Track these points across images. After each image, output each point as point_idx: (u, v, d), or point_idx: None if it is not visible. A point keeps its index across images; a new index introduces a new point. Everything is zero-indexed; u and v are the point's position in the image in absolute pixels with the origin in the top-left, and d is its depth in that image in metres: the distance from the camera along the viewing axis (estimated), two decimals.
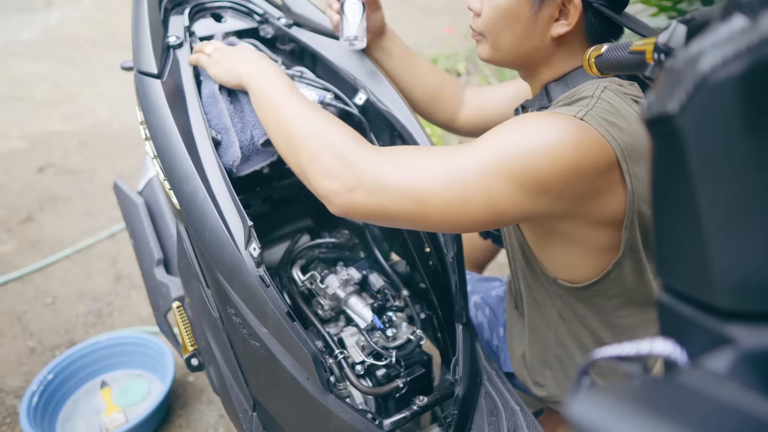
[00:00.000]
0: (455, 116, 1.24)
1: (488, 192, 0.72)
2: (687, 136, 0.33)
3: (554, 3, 0.84)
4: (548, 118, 0.75)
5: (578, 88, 0.86)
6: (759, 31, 0.30)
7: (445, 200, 0.73)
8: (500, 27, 0.89)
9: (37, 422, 1.49)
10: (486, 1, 0.91)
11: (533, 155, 0.72)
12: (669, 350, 0.34)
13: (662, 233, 0.37)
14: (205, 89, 0.99)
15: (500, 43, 0.91)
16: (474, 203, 0.73)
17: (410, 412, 0.91)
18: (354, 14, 1.04)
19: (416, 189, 0.73)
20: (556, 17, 0.85)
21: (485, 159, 0.73)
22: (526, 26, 0.87)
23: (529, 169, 0.72)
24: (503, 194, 0.73)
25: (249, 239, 0.84)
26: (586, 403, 0.27)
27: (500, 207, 0.74)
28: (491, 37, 0.92)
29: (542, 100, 0.92)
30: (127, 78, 3.50)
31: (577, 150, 0.72)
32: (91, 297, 2.06)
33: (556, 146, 0.72)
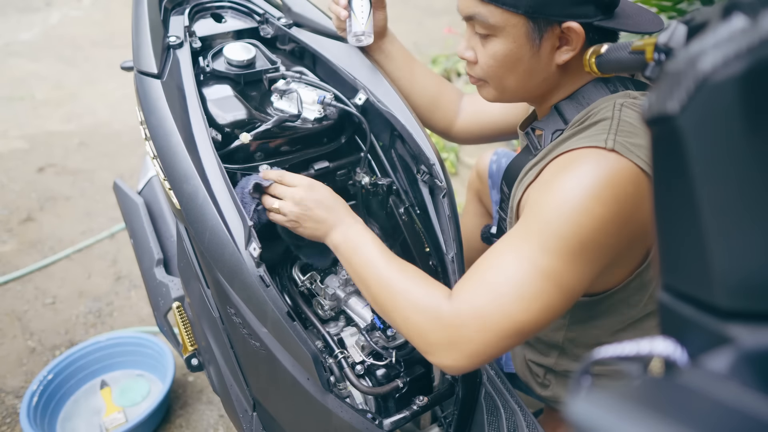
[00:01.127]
0: (452, 124, 1.24)
1: (564, 288, 0.73)
2: (687, 136, 0.32)
3: (553, 34, 0.82)
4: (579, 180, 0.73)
5: (593, 106, 0.84)
6: (759, 31, 0.30)
7: (533, 320, 0.73)
8: (502, 72, 0.87)
9: (37, 422, 1.49)
10: (480, 49, 0.88)
11: (583, 232, 0.72)
12: (669, 350, 0.34)
13: (662, 233, 0.37)
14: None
15: (506, 86, 0.89)
16: (556, 303, 0.73)
17: (410, 412, 0.91)
18: (362, 10, 1.04)
19: (508, 330, 0.73)
20: (557, 45, 0.83)
21: (545, 266, 0.72)
22: (530, 64, 0.85)
23: (585, 248, 0.72)
24: (575, 279, 0.73)
25: (249, 239, 0.84)
26: (587, 402, 0.27)
27: (577, 289, 0.74)
28: (494, 81, 0.90)
29: (557, 122, 0.89)
30: (127, 78, 3.50)
31: (618, 203, 0.72)
32: (91, 297, 2.06)
33: (599, 212, 0.71)
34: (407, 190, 1.08)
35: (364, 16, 1.04)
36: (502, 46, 0.84)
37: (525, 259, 0.73)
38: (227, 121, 1.01)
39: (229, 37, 1.19)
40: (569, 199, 0.72)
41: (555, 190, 0.75)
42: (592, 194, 0.72)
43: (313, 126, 1.04)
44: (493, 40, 0.85)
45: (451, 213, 0.99)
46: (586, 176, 0.73)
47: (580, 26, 0.80)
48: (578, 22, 0.79)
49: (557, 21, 0.80)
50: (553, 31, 0.81)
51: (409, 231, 1.06)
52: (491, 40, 0.85)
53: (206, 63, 1.08)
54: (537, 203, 0.77)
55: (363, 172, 1.10)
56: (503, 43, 0.84)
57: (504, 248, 0.76)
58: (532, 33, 0.82)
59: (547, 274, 0.72)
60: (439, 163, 1.00)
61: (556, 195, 0.74)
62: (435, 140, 2.84)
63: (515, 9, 0.80)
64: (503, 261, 0.75)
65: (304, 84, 1.07)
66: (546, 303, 0.72)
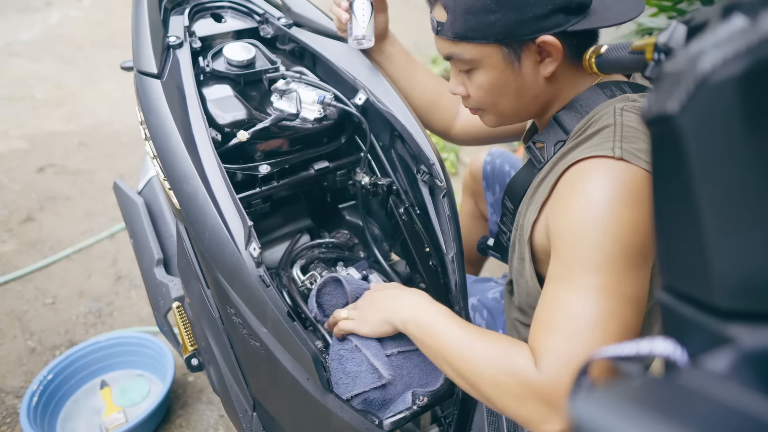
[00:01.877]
0: (451, 126, 1.25)
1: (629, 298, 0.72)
2: (687, 136, 0.32)
3: (530, 50, 0.82)
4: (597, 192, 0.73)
5: (594, 113, 0.83)
6: (759, 31, 0.30)
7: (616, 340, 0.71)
8: (494, 98, 0.89)
9: (37, 422, 1.49)
10: (468, 83, 0.89)
11: (621, 238, 0.71)
12: (669, 350, 0.34)
13: (662, 233, 0.37)
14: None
15: (502, 111, 0.91)
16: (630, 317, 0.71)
17: (410, 412, 0.91)
18: (363, 13, 1.04)
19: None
20: (539, 59, 0.83)
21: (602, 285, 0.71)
22: (517, 84, 0.86)
23: (629, 252, 0.71)
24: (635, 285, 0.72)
25: (249, 239, 0.83)
26: (587, 402, 0.27)
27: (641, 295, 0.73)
28: (490, 109, 0.91)
29: (557, 133, 0.89)
30: (127, 78, 3.50)
31: (640, 204, 0.72)
32: (91, 297, 2.06)
33: (628, 215, 0.71)
34: (407, 190, 1.08)
35: (365, 19, 1.04)
36: (485, 77, 0.86)
37: (581, 287, 0.72)
38: (227, 121, 1.01)
39: (229, 37, 1.19)
40: (595, 213, 0.72)
41: (577, 211, 0.74)
42: (614, 201, 0.71)
43: (313, 126, 1.04)
44: (476, 73, 0.87)
45: (451, 213, 0.99)
46: (602, 186, 0.73)
47: (554, 37, 0.79)
48: (551, 34, 0.79)
49: (530, 39, 0.80)
50: (529, 48, 0.82)
51: (409, 231, 1.06)
52: (475, 73, 0.87)
53: (206, 63, 1.08)
54: (566, 231, 0.76)
55: (363, 172, 1.10)
56: (486, 73, 0.86)
57: (555, 289, 0.75)
58: (508, 57, 0.83)
59: (608, 292, 0.71)
60: (439, 163, 1.00)
61: (581, 215, 0.74)
62: (435, 140, 2.84)
63: (485, 40, 0.81)
64: (561, 301, 0.73)
65: (304, 84, 1.07)
66: (621, 320, 0.71)
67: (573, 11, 0.80)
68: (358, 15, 1.04)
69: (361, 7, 1.04)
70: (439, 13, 0.85)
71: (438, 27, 0.85)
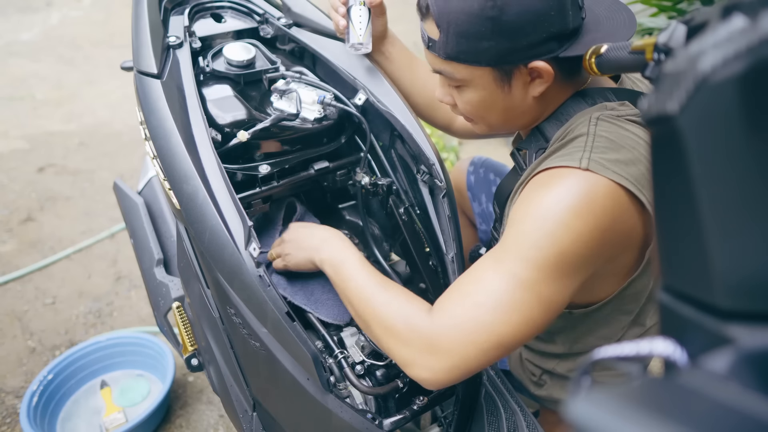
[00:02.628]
0: (453, 121, 1.25)
1: (543, 300, 0.73)
2: (687, 136, 0.32)
3: (521, 73, 0.82)
4: (557, 197, 0.74)
5: (571, 122, 0.84)
6: (759, 31, 0.30)
7: (513, 332, 0.73)
8: (482, 113, 0.89)
9: (37, 422, 1.49)
10: (456, 96, 0.89)
11: (561, 244, 0.71)
12: (669, 350, 0.34)
13: (662, 233, 0.37)
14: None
15: (492, 123, 0.92)
16: (536, 316, 0.73)
17: (410, 412, 0.91)
18: (360, 20, 1.04)
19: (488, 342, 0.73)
20: (529, 81, 0.83)
21: (525, 278, 0.72)
22: (505, 103, 0.86)
23: (563, 259, 0.72)
24: (553, 292, 0.73)
25: (249, 239, 0.84)
26: (587, 403, 0.27)
27: (555, 304, 0.74)
28: (479, 121, 0.92)
29: (539, 141, 0.90)
30: (127, 78, 3.50)
31: (595, 217, 0.72)
32: (91, 297, 2.06)
33: (577, 226, 0.72)
34: (407, 190, 1.08)
35: (362, 26, 1.04)
36: (474, 95, 0.86)
37: (505, 271, 0.73)
38: (227, 122, 1.01)
39: (229, 37, 1.19)
40: (547, 214, 0.73)
41: (533, 206, 0.75)
42: (569, 209, 0.72)
43: (313, 126, 1.04)
44: (466, 90, 0.87)
45: (451, 213, 0.99)
46: (563, 193, 0.73)
47: (546, 63, 0.79)
48: (543, 60, 0.79)
49: (522, 63, 0.80)
50: (521, 71, 0.82)
51: (409, 231, 1.06)
52: (464, 90, 0.87)
53: (206, 63, 1.08)
54: (516, 218, 0.77)
55: (363, 172, 1.10)
56: (475, 92, 0.86)
57: (484, 263, 0.77)
58: (499, 79, 0.83)
59: (527, 286, 0.72)
60: (439, 163, 1.00)
61: (535, 210, 0.75)
62: (435, 140, 2.84)
63: (477, 64, 0.81)
64: (483, 275, 0.75)
65: (303, 84, 1.07)
66: (526, 315, 0.72)
67: (565, 38, 0.80)
68: (355, 22, 1.04)
69: (358, 14, 1.04)
70: (431, 29, 0.84)
71: (429, 42, 0.84)
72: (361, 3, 1.04)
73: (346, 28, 1.06)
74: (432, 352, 0.74)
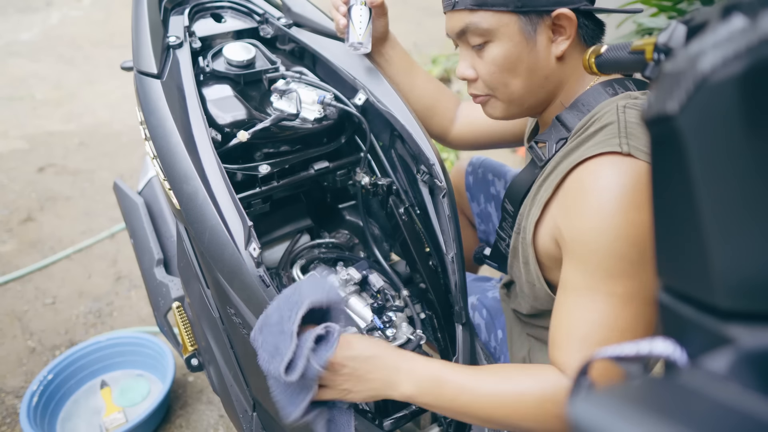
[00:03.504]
0: (448, 130, 1.25)
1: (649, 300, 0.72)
2: (687, 136, 0.32)
3: (546, 25, 0.83)
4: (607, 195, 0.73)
5: (596, 111, 0.83)
6: (759, 31, 0.30)
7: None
8: (506, 76, 0.88)
9: (37, 422, 1.49)
10: (478, 63, 0.89)
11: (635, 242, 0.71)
12: (669, 350, 0.34)
13: (662, 233, 0.37)
14: None
15: (512, 92, 0.89)
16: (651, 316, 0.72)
17: (410, 411, 0.91)
18: (361, 20, 1.04)
19: None
20: (552, 38, 0.85)
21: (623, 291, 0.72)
22: (530, 61, 0.86)
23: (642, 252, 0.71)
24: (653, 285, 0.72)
25: (249, 239, 0.83)
26: (587, 403, 0.27)
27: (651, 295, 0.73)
28: (500, 91, 0.90)
29: (559, 132, 0.89)
30: (127, 78, 3.50)
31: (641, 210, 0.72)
32: (91, 297, 2.06)
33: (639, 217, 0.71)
34: (407, 190, 1.08)
35: (362, 26, 1.04)
36: (500, 49, 0.86)
37: (603, 297, 0.72)
38: (227, 122, 1.01)
39: (229, 37, 1.19)
40: (607, 218, 0.72)
41: (592, 216, 0.74)
42: (625, 203, 0.71)
43: (312, 126, 1.04)
44: (490, 46, 0.86)
45: (451, 213, 0.99)
46: (614, 186, 0.73)
47: (571, 11, 0.81)
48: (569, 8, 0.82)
49: (547, 11, 0.82)
50: (545, 22, 0.83)
51: (409, 231, 1.06)
52: (488, 48, 0.87)
53: (206, 63, 1.08)
54: (583, 238, 0.75)
55: (363, 172, 1.10)
56: (500, 46, 0.85)
57: (579, 300, 0.75)
58: (525, 28, 0.83)
59: (634, 297, 0.71)
60: (439, 163, 1.00)
61: (593, 219, 0.73)
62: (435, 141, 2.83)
63: (505, 7, 0.82)
64: (584, 311, 0.74)
65: (303, 84, 1.07)
66: (646, 321, 0.72)
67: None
68: (356, 22, 1.04)
69: (359, 13, 1.04)
70: None
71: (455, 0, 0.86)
72: (362, 3, 1.04)
73: (346, 27, 1.06)
74: None
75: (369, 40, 1.06)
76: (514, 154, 2.91)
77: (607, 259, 0.72)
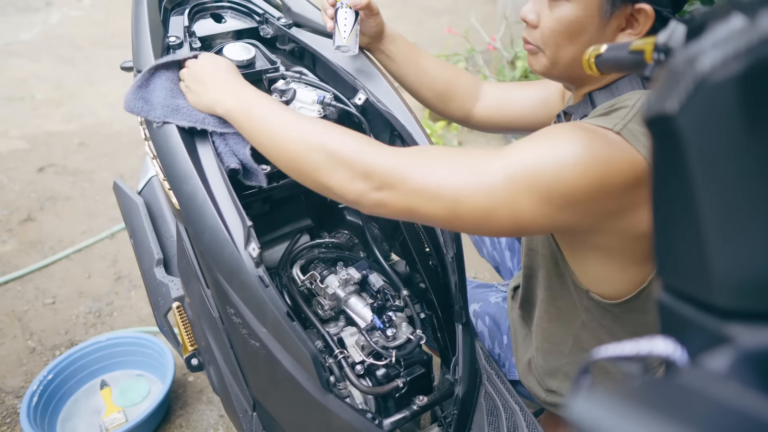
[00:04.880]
0: (470, 111, 1.22)
1: (513, 204, 0.71)
2: (687, 136, 0.32)
3: (624, 12, 0.81)
4: (582, 133, 0.72)
5: (622, 98, 0.83)
6: (759, 31, 0.30)
7: (471, 208, 0.71)
8: (562, 40, 0.85)
9: (37, 422, 1.49)
10: (545, 13, 0.86)
11: (562, 170, 0.70)
12: (669, 350, 0.34)
13: (662, 232, 0.37)
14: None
15: (560, 57, 0.88)
16: (500, 214, 0.71)
17: (410, 411, 0.91)
18: (345, 24, 1.04)
19: (444, 194, 0.72)
20: (623, 27, 0.83)
21: (513, 169, 0.71)
22: (592, 37, 0.83)
23: (555, 183, 0.70)
24: (528, 207, 0.71)
25: (248, 239, 0.83)
26: (587, 402, 0.27)
27: (524, 219, 0.72)
28: (551, 50, 0.88)
29: (586, 108, 0.88)
30: (127, 78, 3.50)
31: (607, 166, 0.70)
32: (91, 297, 2.06)
33: (587, 162, 0.70)
34: None
35: (347, 30, 1.04)
36: (571, 12, 0.83)
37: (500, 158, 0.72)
38: None
39: (228, 37, 1.19)
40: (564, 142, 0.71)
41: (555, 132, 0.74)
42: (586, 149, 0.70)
43: None
44: (564, 5, 0.84)
45: None
46: (586, 137, 0.72)
47: (653, 10, 0.79)
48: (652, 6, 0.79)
49: (632, 0, 0.80)
50: (625, 9, 0.81)
51: (409, 231, 1.06)
52: (561, 4, 0.84)
53: None
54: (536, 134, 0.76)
55: None
56: (574, 9, 0.83)
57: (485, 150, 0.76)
58: (605, 5, 0.81)
59: (509, 183, 0.70)
60: None
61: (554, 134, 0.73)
62: (435, 140, 2.84)
63: None
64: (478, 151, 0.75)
65: (303, 84, 1.07)
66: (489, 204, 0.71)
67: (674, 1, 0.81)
68: (341, 25, 1.04)
69: (344, 17, 1.04)
70: None
71: None
72: (347, 6, 1.03)
73: (333, 30, 1.05)
74: (386, 187, 0.74)
75: (355, 43, 1.05)
76: None
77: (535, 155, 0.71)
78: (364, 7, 1.03)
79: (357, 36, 1.06)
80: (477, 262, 2.16)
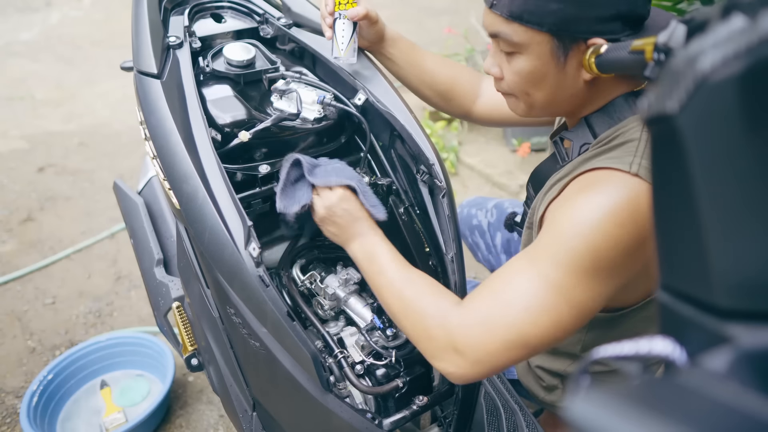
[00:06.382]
0: (471, 109, 1.25)
1: (574, 304, 0.72)
2: (687, 136, 0.32)
3: (579, 50, 0.79)
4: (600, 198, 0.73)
5: (623, 124, 0.81)
6: (759, 31, 0.30)
7: (541, 334, 0.73)
8: (528, 88, 0.86)
9: (37, 422, 1.49)
10: (506, 66, 0.86)
11: (597, 250, 0.71)
12: (668, 350, 0.34)
13: (662, 232, 0.37)
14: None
15: (534, 101, 0.88)
16: (566, 320, 0.72)
17: (410, 411, 0.91)
18: (343, 35, 1.04)
19: (514, 341, 0.73)
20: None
21: (556, 280, 0.72)
22: (556, 80, 0.83)
23: (598, 265, 0.71)
24: (586, 297, 0.72)
25: (248, 239, 0.84)
26: (586, 402, 0.27)
27: (588, 306, 0.74)
28: (522, 96, 0.89)
29: (585, 135, 0.87)
30: (127, 78, 3.50)
31: (635, 225, 0.71)
32: (91, 297, 2.06)
33: (616, 233, 0.71)
34: (407, 190, 1.08)
35: (345, 41, 1.04)
36: (526, 63, 0.83)
37: (536, 273, 0.73)
38: (227, 122, 1.01)
39: (228, 37, 1.19)
40: (586, 218, 0.72)
41: (573, 208, 0.74)
42: (609, 215, 0.71)
43: (312, 126, 1.04)
44: (518, 57, 0.84)
45: (451, 213, 0.99)
46: (606, 198, 0.72)
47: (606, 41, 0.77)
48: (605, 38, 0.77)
49: (583, 38, 0.78)
50: (579, 47, 0.79)
51: (409, 231, 1.06)
52: (516, 57, 0.84)
53: (206, 63, 1.08)
54: (554, 220, 0.76)
55: (363, 172, 1.10)
56: (528, 60, 0.83)
57: (517, 263, 0.76)
58: (557, 50, 0.80)
59: (558, 289, 0.71)
60: (439, 163, 1.00)
61: (573, 212, 0.74)
62: (435, 140, 2.84)
63: (539, 27, 0.78)
64: (515, 274, 0.75)
65: (303, 84, 1.07)
66: (555, 318, 0.72)
67: (630, 24, 0.78)
68: (338, 36, 1.04)
69: (341, 28, 1.04)
70: None
71: (494, 0, 0.82)
72: (345, 17, 1.03)
73: (331, 39, 1.05)
74: (459, 347, 0.75)
75: (353, 54, 1.05)
76: (513, 154, 2.91)
77: (560, 246, 0.73)
78: (362, 18, 1.03)
79: (355, 46, 1.06)
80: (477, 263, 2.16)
